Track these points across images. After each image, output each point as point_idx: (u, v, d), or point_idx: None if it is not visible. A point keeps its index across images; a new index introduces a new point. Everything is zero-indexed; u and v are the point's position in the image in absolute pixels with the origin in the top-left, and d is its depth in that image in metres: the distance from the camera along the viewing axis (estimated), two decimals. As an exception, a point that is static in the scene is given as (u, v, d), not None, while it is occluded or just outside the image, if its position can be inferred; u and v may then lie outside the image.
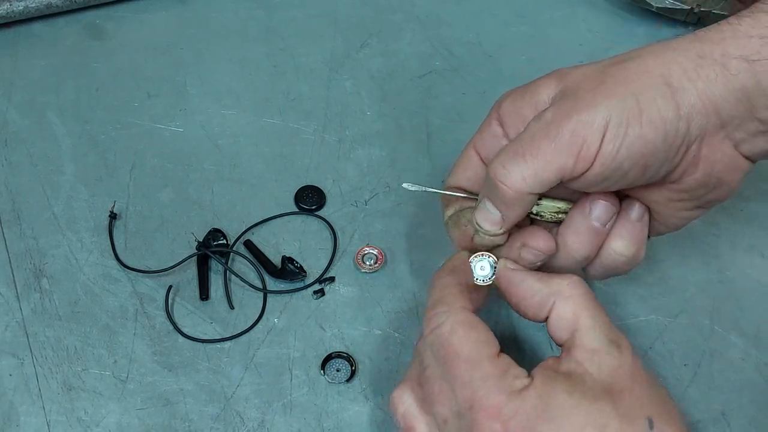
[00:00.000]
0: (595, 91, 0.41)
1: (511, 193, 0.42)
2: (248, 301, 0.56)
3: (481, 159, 0.48)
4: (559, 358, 0.41)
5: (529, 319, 0.45)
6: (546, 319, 0.43)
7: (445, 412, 0.41)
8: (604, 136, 0.40)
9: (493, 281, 0.46)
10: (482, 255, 0.47)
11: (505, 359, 0.41)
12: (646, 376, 0.41)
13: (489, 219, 0.44)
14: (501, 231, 0.45)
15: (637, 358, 0.41)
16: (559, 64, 0.51)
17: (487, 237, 0.45)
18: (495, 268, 0.46)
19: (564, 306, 0.43)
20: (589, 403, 0.38)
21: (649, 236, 0.47)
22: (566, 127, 0.40)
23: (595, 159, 0.40)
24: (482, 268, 0.47)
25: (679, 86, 0.40)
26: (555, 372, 0.40)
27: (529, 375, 0.40)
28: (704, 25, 0.70)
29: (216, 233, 0.58)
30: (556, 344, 0.43)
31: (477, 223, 0.45)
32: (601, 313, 0.43)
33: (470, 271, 0.46)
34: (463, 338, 0.41)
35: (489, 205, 0.44)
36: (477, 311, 0.44)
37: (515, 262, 0.46)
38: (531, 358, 0.53)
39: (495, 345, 0.41)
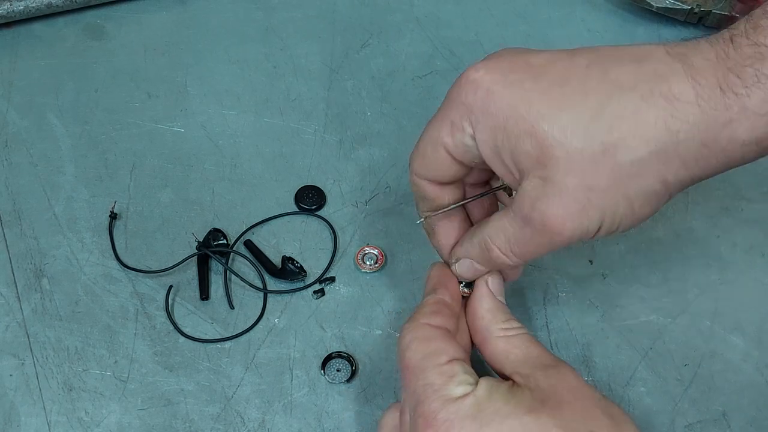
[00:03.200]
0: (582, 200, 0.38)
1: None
2: (248, 301, 0.56)
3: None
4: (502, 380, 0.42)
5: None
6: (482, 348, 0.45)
7: (405, 419, 0.42)
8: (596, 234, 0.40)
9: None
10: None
11: (454, 367, 0.41)
12: (592, 395, 0.40)
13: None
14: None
15: (579, 376, 0.41)
16: None
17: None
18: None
19: (496, 345, 0.44)
20: (526, 413, 0.38)
21: None
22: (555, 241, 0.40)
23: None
24: (463, 283, 0.48)
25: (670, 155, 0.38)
26: (499, 382, 0.41)
27: (477, 383, 0.41)
28: (704, 25, 0.71)
29: (216, 233, 0.58)
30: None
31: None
32: (537, 348, 0.43)
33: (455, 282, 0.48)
34: (415, 351, 0.42)
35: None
36: (454, 321, 0.45)
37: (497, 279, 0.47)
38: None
39: (448, 354, 0.41)
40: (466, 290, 0.48)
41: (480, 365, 0.45)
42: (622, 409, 0.40)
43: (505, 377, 0.43)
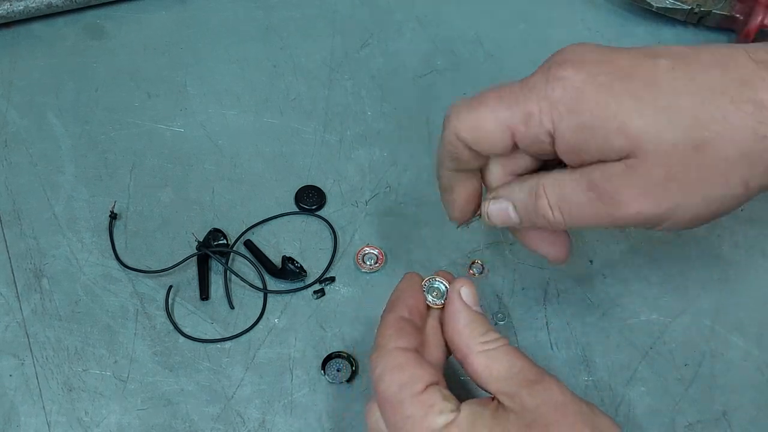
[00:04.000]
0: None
1: None
2: (248, 301, 0.56)
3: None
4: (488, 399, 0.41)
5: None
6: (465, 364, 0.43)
7: None
8: None
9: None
10: (433, 279, 0.46)
11: (432, 395, 0.40)
12: (579, 410, 0.39)
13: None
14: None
15: (564, 389, 0.40)
16: None
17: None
18: (445, 293, 0.46)
19: (477, 361, 0.42)
20: None
21: None
22: None
23: None
24: (434, 294, 0.46)
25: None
26: (482, 407, 0.40)
27: (458, 408, 0.40)
28: (705, 25, 0.71)
29: (216, 233, 0.58)
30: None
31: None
32: (519, 360, 0.41)
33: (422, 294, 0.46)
34: (389, 382, 0.40)
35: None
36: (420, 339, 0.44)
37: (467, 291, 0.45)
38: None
39: (423, 380, 0.40)
40: (437, 303, 0.45)
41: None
42: (611, 420, 0.40)
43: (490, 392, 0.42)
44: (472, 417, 0.39)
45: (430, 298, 0.46)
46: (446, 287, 0.46)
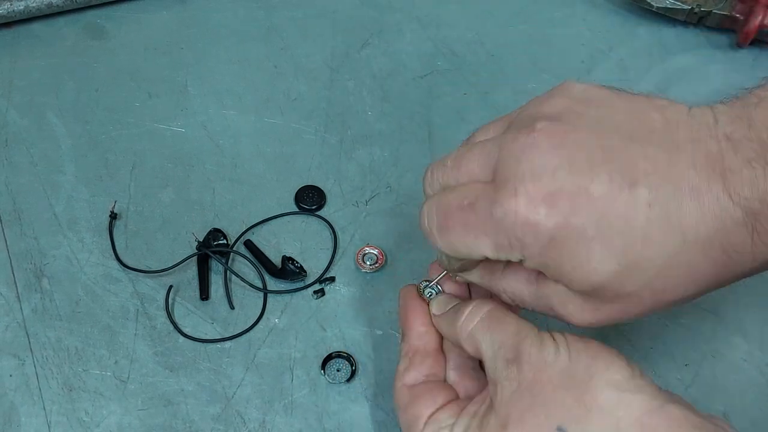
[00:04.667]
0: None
1: None
2: (248, 301, 0.56)
3: None
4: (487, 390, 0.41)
5: None
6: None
7: None
8: None
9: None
10: (425, 284, 0.48)
11: (430, 428, 0.41)
12: (554, 374, 0.37)
13: None
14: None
15: (545, 353, 0.38)
16: (561, 63, 0.50)
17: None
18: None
19: (468, 348, 0.42)
20: None
21: None
22: None
23: None
24: (429, 294, 0.47)
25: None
26: (471, 418, 0.40)
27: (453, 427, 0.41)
28: (705, 25, 0.71)
29: (216, 233, 0.58)
30: None
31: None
32: (497, 332, 0.40)
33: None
34: (401, 421, 0.44)
35: None
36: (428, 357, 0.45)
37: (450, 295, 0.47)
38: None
39: (423, 416, 0.42)
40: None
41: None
42: (590, 355, 0.37)
43: None
44: None
45: (428, 297, 0.47)
46: (439, 289, 0.47)
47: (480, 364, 0.47)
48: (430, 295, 0.47)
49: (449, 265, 0.44)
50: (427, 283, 0.47)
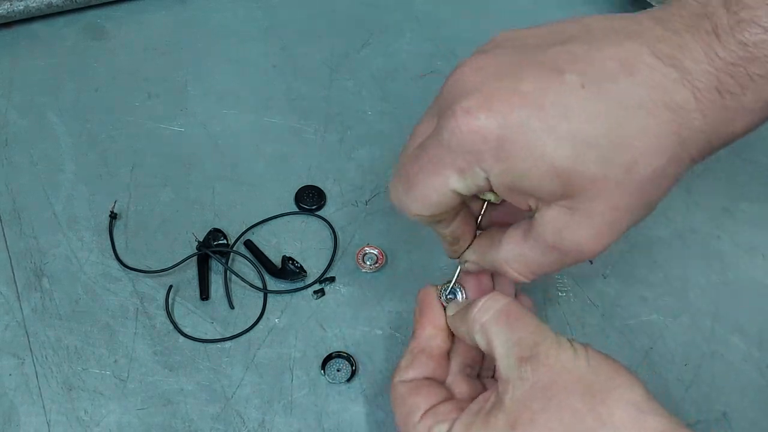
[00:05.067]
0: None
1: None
2: (248, 301, 0.56)
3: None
4: (492, 389, 0.41)
5: None
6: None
7: None
8: None
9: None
10: (447, 286, 0.48)
11: (425, 424, 0.41)
12: (572, 379, 0.37)
13: None
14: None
15: (559, 358, 0.38)
16: None
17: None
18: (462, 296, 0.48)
19: (479, 341, 0.41)
20: None
21: None
22: None
23: None
24: (447, 299, 0.48)
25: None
26: (474, 415, 0.40)
27: (450, 428, 0.40)
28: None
29: (216, 233, 0.58)
30: None
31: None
32: (513, 329, 0.40)
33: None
34: (398, 414, 0.43)
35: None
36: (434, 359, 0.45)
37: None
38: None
39: (420, 408, 0.42)
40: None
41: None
42: (611, 369, 0.38)
43: None
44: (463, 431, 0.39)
45: (445, 301, 0.47)
46: (463, 292, 0.48)
47: (479, 370, 0.47)
48: (449, 300, 0.47)
49: (443, 238, 0.44)
50: (447, 285, 0.47)
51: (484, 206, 0.45)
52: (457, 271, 0.47)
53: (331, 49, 0.71)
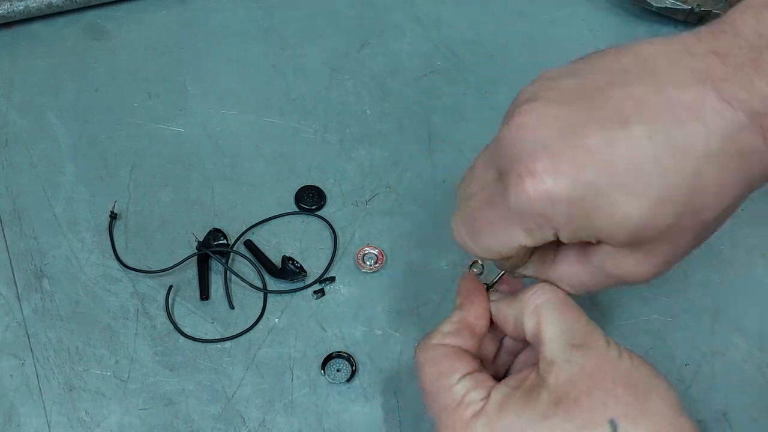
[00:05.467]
0: None
1: None
2: (249, 301, 0.56)
3: None
4: (532, 370, 0.41)
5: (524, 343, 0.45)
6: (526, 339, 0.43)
7: None
8: None
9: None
10: (486, 285, 0.48)
11: (464, 386, 0.41)
12: (615, 372, 0.38)
13: None
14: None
15: (608, 350, 0.39)
16: (561, 63, 0.49)
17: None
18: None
19: (528, 322, 0.42)
20: (539, 422, 0.38)
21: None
22: None
23: None
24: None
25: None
26: (512, 389, 0.40)
27: (488, 395, 0.40)
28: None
29: (216, 233, 0.58)
30: None
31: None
32: (565, 317, 0.41)
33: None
34: (428, 373, 0.43)
35: None
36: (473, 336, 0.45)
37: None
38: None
39: (459, 371, 0.42)
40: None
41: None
42: (652, 371, 0.39)
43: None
44: (501, 402, 0.39)
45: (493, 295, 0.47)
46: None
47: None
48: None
49: (501, 266, 0.45)
50: (486, 285, 0.47)
51: None
52: (500, 274, 0.47)
53: (331, 48, 0.71)
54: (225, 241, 0.58)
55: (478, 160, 0.42)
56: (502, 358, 0.48)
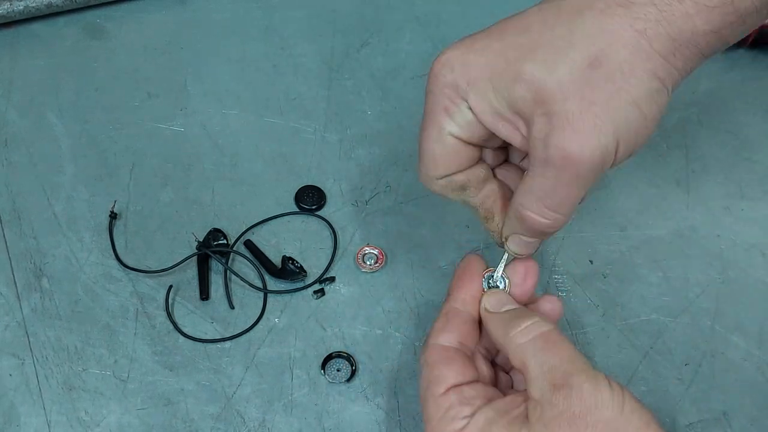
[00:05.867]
0: (587, 112, 0.38)
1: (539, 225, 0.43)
2: (248, 300, 0.56)
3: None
4: (523, 400, 0.41)
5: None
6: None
7: None
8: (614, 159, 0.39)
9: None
10: (493, 272, 0.47)
11: (449, 399, 0.41)
12: (599, 419, 0.38)
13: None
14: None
15: (591, 394, 0.38)
16: None
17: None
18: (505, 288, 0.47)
19: (514, 358, 0.41)
20: None
21: None
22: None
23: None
24: (488, 285, 0.47)
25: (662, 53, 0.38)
26: (499, 415, 0.40)
27: (473, 415, 0.40)
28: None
29: (216, 233, 0.58)
30: None
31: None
32: (550, 356, 0.40)
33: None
34: (423, 378, 0.43)
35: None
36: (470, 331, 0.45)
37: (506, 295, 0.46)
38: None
39: (446, 382, 0.42)
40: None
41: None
42: (643, 419, 0.38)
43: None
44: (482, 428, 0.39)
45: (487, 289, 0.46)
46: (506, 282, 0.46)
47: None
48: (492, 287, 0.46)
49: (479, 216, 0.46)
50: (491, 273, 0.47)
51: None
52: (503, 258, 0.46)
53: (331, 48, 0.71)
54: (225, 241, 0.58)
55: None
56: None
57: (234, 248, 0.58)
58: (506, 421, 0.39)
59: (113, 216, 0.59)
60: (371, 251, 0.58)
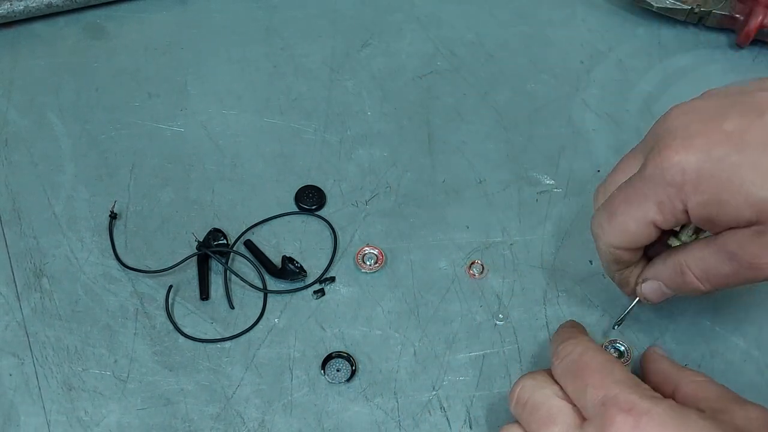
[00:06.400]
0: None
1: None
2: (248, 301, 0.56)
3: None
4: None
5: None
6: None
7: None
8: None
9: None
10: (614, 342, 0.53)
11: (636, 377, 0.42)
12: None
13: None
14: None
15: None
16: (560, 63, 0.50)
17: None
18: (624, 353, 0.53)
19: (688, 387, 0.45)
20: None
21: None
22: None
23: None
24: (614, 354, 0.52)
25: None
26: (687, 409, 0.41)
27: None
28: (705, 25, 0.71)
29: (216, 233, 0.58)
30: None
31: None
32: (727, 389, 0.44)
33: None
34: (594, 356, 0.44)
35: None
36: None
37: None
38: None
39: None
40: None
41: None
42: None
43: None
44: (680, 405, 0.40)
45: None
46: (626, 348, 0.52)
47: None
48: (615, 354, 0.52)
49: (620, 265, 0.48)
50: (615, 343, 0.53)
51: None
52: (632, 304, 0.51)
53: (331, 49, 0.71)
54: (225, 241, 0.58)
55: (620, 161, 0.47)
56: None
57: (234, 248, 0.58)
58: (695, 415, 0.40)
59: (113, 216, 0.59)
60: (371, 251, 0.58)
